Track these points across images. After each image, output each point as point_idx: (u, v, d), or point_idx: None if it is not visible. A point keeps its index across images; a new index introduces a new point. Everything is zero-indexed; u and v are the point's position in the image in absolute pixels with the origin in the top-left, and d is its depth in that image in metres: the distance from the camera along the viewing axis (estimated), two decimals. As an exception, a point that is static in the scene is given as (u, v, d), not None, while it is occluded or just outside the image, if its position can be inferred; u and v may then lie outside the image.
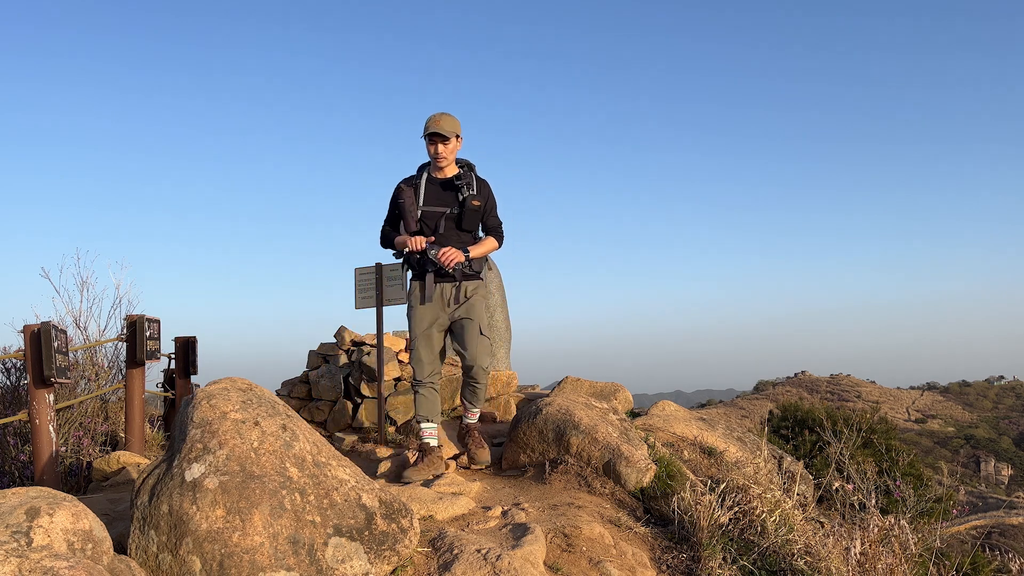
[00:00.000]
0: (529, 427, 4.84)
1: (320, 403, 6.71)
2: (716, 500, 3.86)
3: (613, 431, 4.74)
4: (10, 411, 5.90)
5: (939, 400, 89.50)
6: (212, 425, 2.77)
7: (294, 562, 2.56)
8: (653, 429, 6.10)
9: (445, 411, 6.50)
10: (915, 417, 79.36)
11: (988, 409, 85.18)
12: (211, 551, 2.50)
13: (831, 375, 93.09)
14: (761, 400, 69.08)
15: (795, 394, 60.21)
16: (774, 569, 3.61)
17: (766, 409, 16.34)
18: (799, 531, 3.94)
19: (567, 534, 3.56)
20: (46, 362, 4.54)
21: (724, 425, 7.07)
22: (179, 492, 2.59)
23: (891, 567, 3.59)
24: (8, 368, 6.34)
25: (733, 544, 3.76)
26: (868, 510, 4.02)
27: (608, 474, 4.47)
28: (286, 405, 3.13)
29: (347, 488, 2.84)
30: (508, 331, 10.39)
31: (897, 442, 10.32)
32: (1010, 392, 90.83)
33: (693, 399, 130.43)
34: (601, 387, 7.13)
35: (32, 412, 4.63)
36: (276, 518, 2.60)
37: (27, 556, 2.08)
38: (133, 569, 2.47)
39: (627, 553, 3.53)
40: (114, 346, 6.97)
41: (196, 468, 2.64)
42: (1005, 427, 75.31)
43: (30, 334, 4.58)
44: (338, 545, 2.67)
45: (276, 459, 2.74)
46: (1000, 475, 56.58)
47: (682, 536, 3.83)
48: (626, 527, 3.90)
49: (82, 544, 2.29)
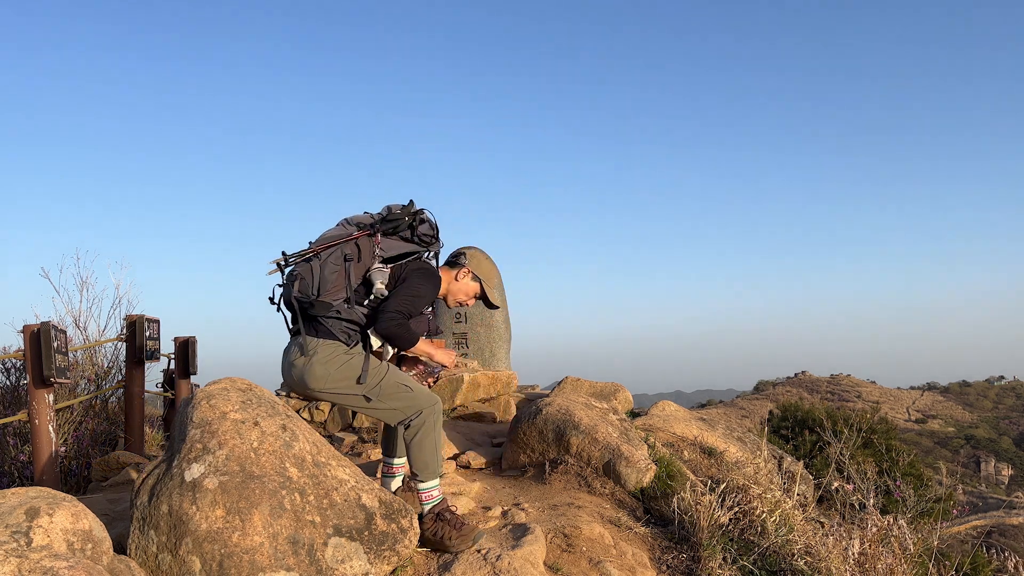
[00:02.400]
0: (529, 427, 4.84)
1: (320, 403, 6.72)
2: (716, 500, 3.86)
3: (613, 431, 4.74)
4: (10, 411, 5.90)
5: (939, 400, 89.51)
6: (212, 425, 2.77)
7: (294, 562, 2.56)
8: (653, 429, 6.10)
9: (446, 411, 6.50)
10: (915, 417, 79.37)
11: (988, 409, 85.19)
12: (211, 551, 2.50)
13: (831, 375, 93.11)
14: (761, 400, 69.09)
15: (795, 394, 60.25)
16: (774, 569, 3.61)
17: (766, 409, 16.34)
18: (799, 531, 3.94)
19: (567, 534, 3.56)
20: (46, 362, 4.54)
21: (724, 425, 7.07)
22: (179, 492, 2.59)
23: (891, 567, 3.59)
24: (8, 368, 6.34)
25: (733, 544, 3.76)
26: (868, 510, 4.02)
27: (608, 474, 4.47)
28: (286, 405, 3.12)
29: (347, 488, 2.84)
30: (508, 331, 10.40)
31: (897, 442, 10.33)
32: (1010, 392, 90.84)
33: (693, 399, 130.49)
34: (601, 387, 7.13)
35: (32, 412, 4.64)
36: (276, 518, 2.60)
37: (27, 556, 2.08)
38: (133, 569, 2.47)
39: (627, 553, 3.53)
40: (114, 346, 6.97)
41: (196, 468, 2.64)
42: (1005, 427, 75.32)
43: (30, 334, 4.58)
44: (338, 545, 2.67)
45: (276, 459, 2.74)
46: (1000, 475, 56.57)
47: (682, 536, 3.83)
48: (626, 527, 3.90)
49: (82, 544, 2.29)
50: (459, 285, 3.49)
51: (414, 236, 3.27)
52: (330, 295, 3.11)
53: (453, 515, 3.23)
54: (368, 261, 3.19)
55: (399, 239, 3.26)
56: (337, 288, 3.12)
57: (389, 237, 3.23)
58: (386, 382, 3.17)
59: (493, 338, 10.14)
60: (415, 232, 3.27)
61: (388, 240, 3.23)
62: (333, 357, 3.13)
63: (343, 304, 3.14)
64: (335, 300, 3.12)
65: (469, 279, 3.50)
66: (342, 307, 3.13)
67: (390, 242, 3.23)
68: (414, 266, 3.27)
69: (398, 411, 3.20)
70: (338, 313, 3.13)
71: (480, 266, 3.54)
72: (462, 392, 6.53)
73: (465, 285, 3.49)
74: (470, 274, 3.50)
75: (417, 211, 3.26)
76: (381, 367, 3.22)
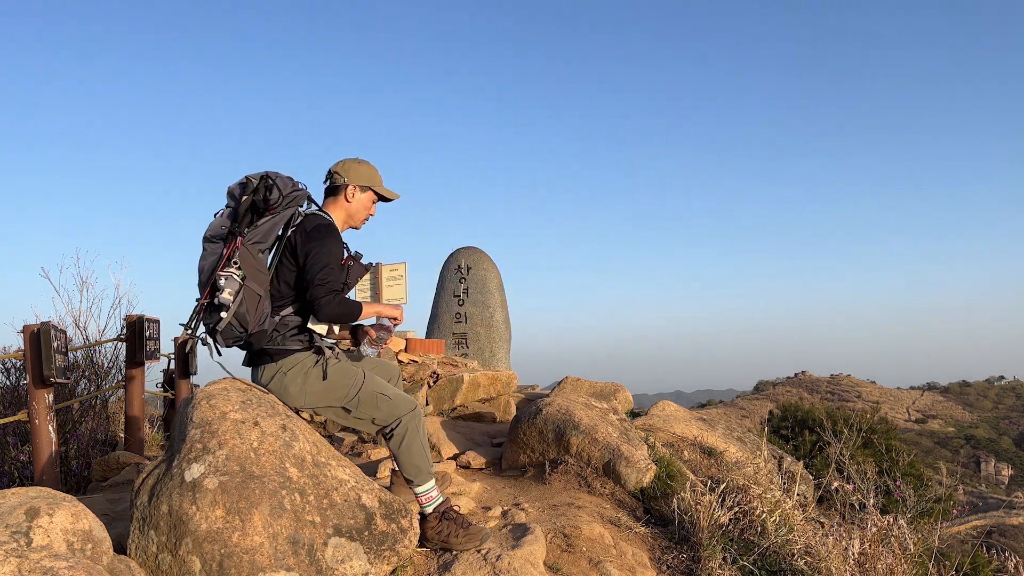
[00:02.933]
0: (529, 427, 4.84)
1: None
2: (716, 500, 3.86)
3: (613, 431, 4.74)
4: (10, 411, 5.90)
5: (939, 400, 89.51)
6: (212, 425, 2.77)
7: (294, 562, 2.56)
8: (653, 429, 6.10)
9: (445, 411, 6.50)
10: (915, 417, 79.36)
11: (988, 409, 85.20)
12: (211, 551, 2.50)
13: (831, 375, 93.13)
14: (761, 400, 69.08)
15: (795, 394, 60.23)
16: (774, 569, 3.61)
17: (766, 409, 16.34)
18: (799, 531, 3.94)
19: (567, 534, 3.57)
20: (46, 362, 4.54)
21: (724, 425, 7.07)
22: (179, 492, 2.59)
23: (891, 567, 3.59)
24: (8, 368, 6.35)
25: (733, 544, 3.76)
26: (868, 510, 4.02)
27: (608, 474, 4.47)
28: (285, 405, 3.12)
29: (347, 488, 2.84)
30: (508, 331, 10.40)
31: (897, 442, 10.33)
32: (1010, 392, 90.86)
33: (693, 399, 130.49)
34: (601, 387, 7.13)
35: (32, 412, 4.64)
36: (276, 518, 2.60)
37: (27, 556, 2.08)
38: (133, 569, 2.47)
39: (627, 553, 3.53)
40: (114, 346, 6.98)
41: (196, 468, 2.64)
42: (1005, 427, 75.30)
43: (30, 334, 4.58)
44: (338, 545, 2.67)
45: (276, 459, 2.74)
46: (1000, 475, 56.57)
47: (682, 536, 3.83)
48: (626, 527, 3.90)
49: (82, 544, 2.29)
50: (354, 205, 3.30)
51: (268, 210, 3.00)
52: (256, 322, 2.98)
53: (458, 514, 3.21)
54: (255, 272, 2.98)
55: (266, 220, 3.01)
56: (258, 313, 2.98)
57: (255, 226, 3.00)
58: (364, 391, 3.11)
59: (493, 338, 10.15)
60: (269, 205, 2.99)
61: (255, 229, 3.00)
62: (301, 371, 3.09)
63: (274, 320, 3.06)
64: (265, 323, 3.01)
65: (359, 192, 3.29)
66: (275, 323, 3.05)
67: (258, 230, 3.01)
68: (301, 236, 3.06)
69: (377, 421, 3.16)
70: (276, 331, 3.06)
71: (359, 173, 3.30)
72: (462, 392, 6.53)
73: (358, 201, 3.30)
74: (356, 188, 3.29)
75: (261, 186, 2.96)
76: (357, 376, 3.15)
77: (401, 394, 3.23)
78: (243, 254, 2.96)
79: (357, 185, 3.29)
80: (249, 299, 2.95)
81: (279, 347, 3.07)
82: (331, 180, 3.31)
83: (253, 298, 2.96)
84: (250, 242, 2.99)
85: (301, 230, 3.09)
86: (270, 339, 3.05)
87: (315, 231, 3.08)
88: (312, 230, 3.08)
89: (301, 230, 3.09)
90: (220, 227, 3.00)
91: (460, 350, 10.08)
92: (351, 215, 3.32)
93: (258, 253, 3.02)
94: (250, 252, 2.98)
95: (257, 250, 3.02)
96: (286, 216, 3.08)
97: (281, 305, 3.10)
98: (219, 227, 3.00)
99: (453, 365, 7.29)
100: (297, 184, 3.10)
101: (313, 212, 3.22)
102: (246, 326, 2.96)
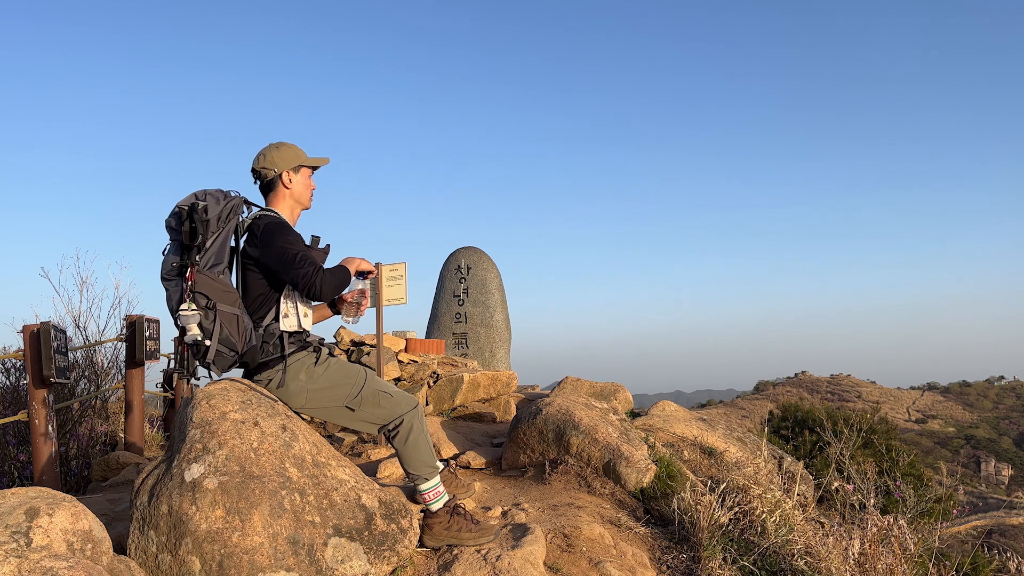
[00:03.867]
0: (529, 427, 4.84)
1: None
2: (716, 500, 3.86)
3: (613, 431, 4.74)
4: (10, 411, 5.90)
5: (939, 400, 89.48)
6: (211, 425, 2.77)
7: (294, 562, 2.55)
8: (653, 429, 6.10)
9: (445, 411, 6.50)
10: (915, 417, 79.35)
11: (988, 409, 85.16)
12: (211, 551, 2.50)
13: (831, 375, 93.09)
14: (761, 400, 69.07)
15: (795, 394, 60.22)
16: (774, 569, 3.61)
17: (766, 409, 16.34)
18: (799, 531, 3.94)
19: (567, 534, 3.56)
20: (45, 362, 4.55)
21: (724, 425, 7.06)
22: (179, 492, 2.59)
23: (891, 567, 3.59)
24: (8, 368, 6.35)
25: (733, 544, 3.76)
26: (868, 510, 4.02)
27: (608, 474, 4.47)
28: (285, 405, 3.12)
29: (347, 488, 2.84)
30: (508, 331, 10.40)
31: (897, 442, 10.32)
32: (1010, 392, 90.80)
33: (693, 399, 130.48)
34: (601, 387, 7.13)
35: (31, 412, 4.64)
36: (276, 518, 2.60)
37: (26, 556, 2.08)
38: (132, 569, 2.47)
39: (627, 553, 3.53)
40: (114, 346, 6.98)
41: (196, 468, 2.64)
42: (1005, 427, 75.28)
43: (29, 334, 4.58)
44: (338, 545, 2.67)
45: (276, 459, 2.74)
46: (1000, 475, 56.54)
47: (682, 536, 3.83)
48: (626, 527, 3.90)
49: (81, 544, 2.29)
50: (295, 188, 3.24)
51: (210, 230, 2.92)
52: (243, 342, 2.98)
53: (467, 511, 3.23)
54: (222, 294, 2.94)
55: (212, 240, 2.95)
56: (241, 333, 2.97)
57: (204, 251, 2.93)
58: (366, 390, 3.13)
59: (493, 338, 10.15)
60: (209, 227, 2.92)
61: (205, 254, 2.93)
62: (303, 369, 3.09)
63: (259, 332, 3.05)
64: (252, 339, 3.01)
65: (294, 175, 3.24)
66: (261, 335, 3.05)
67: (209, 252, 2.94)
68: (257, 241, 3.03)
69: (378, 420, 3.17)
70: (265, 342, 3.05)
71: (284, 157, 3.23)
72: (462, 392, 6.53)
73: (298, 183, 3.25)
74: (290, 172, 3.23)
75: (195, 209, 2.87)
76: (359, 374, 3.16)
77: (402, 392, 3.26)
78: (202, 282, 2.91)
79: (289, 170, 3.22)
80: (228, 322, 2.93)
81: (273, 356, 3.07)
82: (262, 177, 3.24)
83: (231, 320, 2.94)
84: (205, 268, 2.93)
85: (254, 236, 3.06)
86: (263, 351, 3.05)
87: (268, 231, 3.04)
88: (265, 231, 3.04)
89: (254, 236, 3.06)
90: (171, 264, 2.95)
91: (460, 350, 10.08)
92: (297, 199, 3.27)
93: (218, 275, 2.97)
94: (209, 277, 2.93)
95: (216, 273, 2.96)
96: (231, 228, 3.02)
97: (261, 316, 3.08)
98: (170, 265, 2.96)
99: (453, 365, 7.29)
100: (229, 193, 3.04)
101: (258, 215, 3.16)
102: (235, 348, 2.95)
